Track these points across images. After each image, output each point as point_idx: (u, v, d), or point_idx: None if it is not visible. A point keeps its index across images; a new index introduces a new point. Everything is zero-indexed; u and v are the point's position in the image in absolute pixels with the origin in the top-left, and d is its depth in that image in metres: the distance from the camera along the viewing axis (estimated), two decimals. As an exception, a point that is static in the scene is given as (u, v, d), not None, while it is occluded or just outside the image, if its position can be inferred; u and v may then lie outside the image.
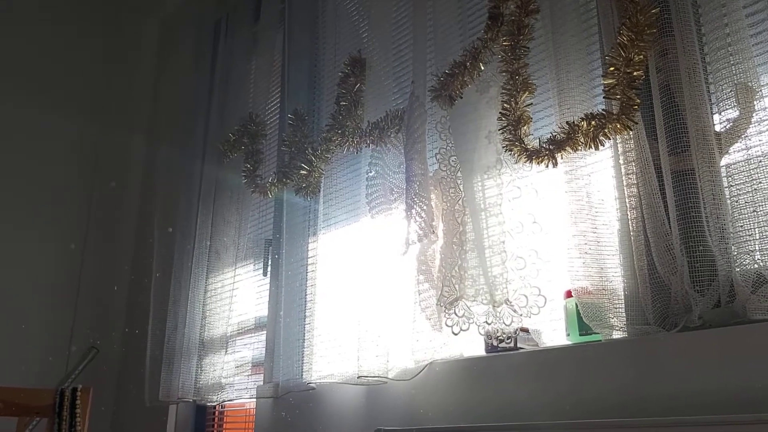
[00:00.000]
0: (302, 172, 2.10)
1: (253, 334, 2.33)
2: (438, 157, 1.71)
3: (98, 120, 3.12)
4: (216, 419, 2.64)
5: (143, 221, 3.05)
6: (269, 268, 2.31)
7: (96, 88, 3.17)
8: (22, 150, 2.92)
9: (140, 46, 3.35)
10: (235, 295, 2.33)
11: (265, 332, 2.27)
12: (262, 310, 2.32)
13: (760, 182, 1.19)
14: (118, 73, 3.23)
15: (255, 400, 2.18)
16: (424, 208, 1.67)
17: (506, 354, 1.52)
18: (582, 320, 1.38)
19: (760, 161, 1.20)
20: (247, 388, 2.21)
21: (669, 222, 1.29)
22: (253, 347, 2.30)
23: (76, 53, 3.16)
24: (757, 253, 1.18)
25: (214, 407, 2.61)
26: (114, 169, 3.14)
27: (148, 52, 3.36)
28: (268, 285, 2.30)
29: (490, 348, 1.56)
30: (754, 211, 1.19)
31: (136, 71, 3.30)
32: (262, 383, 2.17)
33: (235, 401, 2.31)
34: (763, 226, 1.18)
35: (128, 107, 3.24)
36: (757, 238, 1.18)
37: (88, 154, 3.09)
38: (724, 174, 1.25)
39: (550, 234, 1.49)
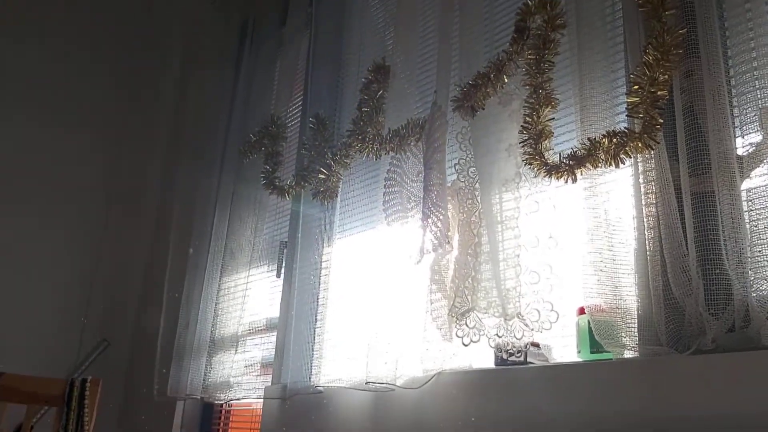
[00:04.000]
0: (320, 176, 2.11)
1: (263, 335, 2.34)
2: (457, 167, 1.71)
3: (119, 121, 3.15)
4: (222, 418, 2.65)
5: (161, 218, 3.07)
6: (283, 270, 2.32)
7: (120, 89, 3.20)
8: (44, 150, 2.95)
9: (165, 47, 3.37)
10: (247, 295, 2.34)
11: (275, 333, 2.27)
12: (274, 312, 2.32)
13: (781, 208, 1.18)
14: (142, 75, 3.25)
15: (262, 400, 2.18)
16: (441, 218, 1.67)
17: (515, 368, 1.52)
18: (594, 338, 1.37)
19: (782, 187, 1.19)
20: (255, 388, 2.21)
21: (686, 243, 1.28)
22: (263, 348, 2.30)
23: (100, 53, 3.19)
24: (775, 279, 1.17)
25: (221, 405, 2.62)
26: (133, 169, 3.16)
27: (174, 53, 3.38)
28: (281, 287, 2.31)
29: (499, 361, 1.56)
30: (773, 237, 1.18)
31: (161, 73, 3.33)
32: (270, 384, 2.17)
33: (242, 401, 2.31)
34: (782, 252, 1.17)
35: (151, 108, 3.26)
36: (775, 264, 1.17)
37: (109, 156, 3.11)
38: (745, 198, 1.25)
39: (566, 250, 1.48)
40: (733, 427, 1.15)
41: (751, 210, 1.22)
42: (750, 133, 1.26)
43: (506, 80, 1.64)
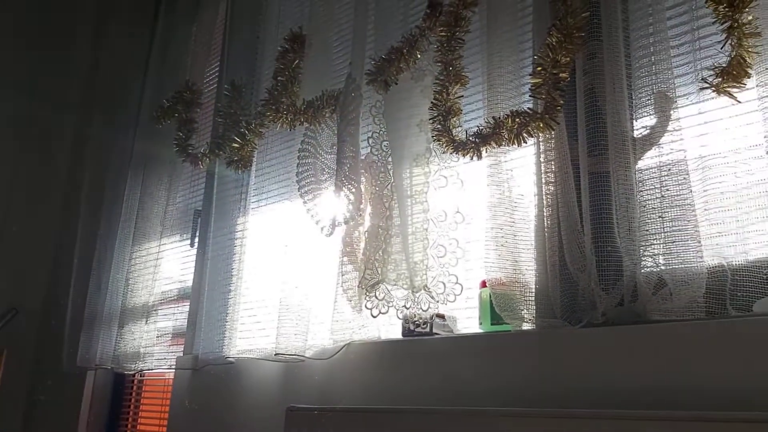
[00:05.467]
0: (234, 145, 2.08)
1: (176, 305, 2.31)
2: (370, 141, 1.72)
3: (30, 80, 3.01)
4: (134, 388, 2.61)
5: (72, 184, 2.96)
6: (197, 239, 2.29)
7: (32, 52, 3.05)
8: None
9: (78, 8, 3.22)
10: (160, 264, 2.30)
11: (188, 303, 2.25)
12: (187, 281, 2.30)
13: (668, 189, 1.24)
14: (55, 35, 3.11)
15: (173, 370, 2.17)
16: (353, 190, 1.68)
17: (422, 339, 1.56)
18: (494, 310, 1.42)
19: (670, 169, 1.25)
20: (166, 358, 2.19)
21: (582, 221, 1.34)
22: (175, 318, 2.28)
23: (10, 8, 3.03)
24: (660, 256, 1.24)
25: (133, 376, 2.58)
26: (44, 127, 3.04)
27: (87, 14, 3.23)
28: (195, 256, 2.28)
29: (406, 332, 1.59)
30: (660, 216, 1.24)
31: (74, 35, 3.18)
32: (181, 354, 2.16)
33: (153, 371, 2.29)
34: (667, 231, 1.23)
35: (63, 72, 3.11)
36: (661, 242, 1.24)
37: (19, 113, 2.97)
38: (637, 178, 1.30)
39: (471, 224, 1.52)
40: (620, 399, 1.21)
41: (642, 191, 1.28)
42: (644, 116, 1.31)
43: (419, 56, 1.65)
